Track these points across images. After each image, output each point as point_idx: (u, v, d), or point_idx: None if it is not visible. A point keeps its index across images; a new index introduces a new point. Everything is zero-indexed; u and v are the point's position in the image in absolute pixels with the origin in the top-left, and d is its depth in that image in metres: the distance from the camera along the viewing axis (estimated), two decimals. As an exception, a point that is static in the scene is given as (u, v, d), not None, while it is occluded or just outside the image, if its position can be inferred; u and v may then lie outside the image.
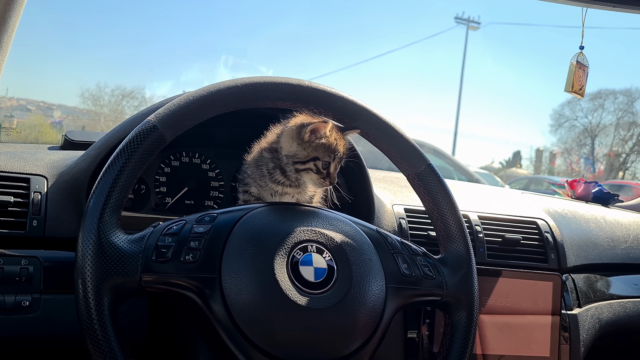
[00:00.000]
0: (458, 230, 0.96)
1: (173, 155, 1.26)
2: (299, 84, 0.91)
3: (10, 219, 1.00)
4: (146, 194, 1.23)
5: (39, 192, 1.04)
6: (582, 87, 1.16)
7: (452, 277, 0.93)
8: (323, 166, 0.97)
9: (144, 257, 0.76)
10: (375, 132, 0.95)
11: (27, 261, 0.99)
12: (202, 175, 1.28)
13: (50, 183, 1.07)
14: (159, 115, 0.82)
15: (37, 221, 1.01)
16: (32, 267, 0.99)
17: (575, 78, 1.14)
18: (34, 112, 26.78)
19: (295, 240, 0.82)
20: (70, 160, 1.13)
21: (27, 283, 0.98)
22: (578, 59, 1.14)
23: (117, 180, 0.77)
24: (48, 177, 1.08)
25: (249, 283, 0.77)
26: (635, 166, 21.50)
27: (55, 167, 1.11)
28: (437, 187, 0.97)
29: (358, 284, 0.83)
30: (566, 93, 1.19)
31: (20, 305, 0.96)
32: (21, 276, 0.98)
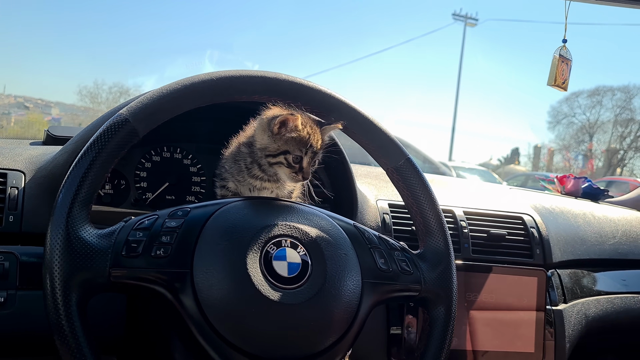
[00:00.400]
0: (437, 225, 0.96)
1: (154, 150, 1.25)
2: (275, 77, 0.90)
3: None
4: (126, 189, 1.22)
5: (16, 187, 1.03)
6: (565, 81, 1.14)
7: (431, 273, 0.92)
8: (294, 160, 0.95)
9: (114, 252, 0.75)
10: (354, 126, 0.94)
11: (3, 257, 0.98)
12: (184, 170, 1.27)
13: (28, 178, 1.06)
14: (131, 108, 0.81)
15: (13, 216, 1.00)
16: (8, 263, 0.98)
17: (558, 72, 1.13)
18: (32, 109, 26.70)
19: (269, 235, 0.81)
20: (49, 155, 1.12)
21: (2, 279, 0.97)
22: (561, 52, 1.13)
23: (87, 174, 0.76)
24: (26, 172, 1.07)
25: (221, 278, 0.76)
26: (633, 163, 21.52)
27: (34, 162, 1.10)
28: (416, 181, 0.96)
29: (333, 279, 0.82)
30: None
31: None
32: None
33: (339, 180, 1.29)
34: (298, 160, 0.95)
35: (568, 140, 24.30)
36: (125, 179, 1.22)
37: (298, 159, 0.95)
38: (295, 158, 0.95)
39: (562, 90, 1.14)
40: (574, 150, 23.62)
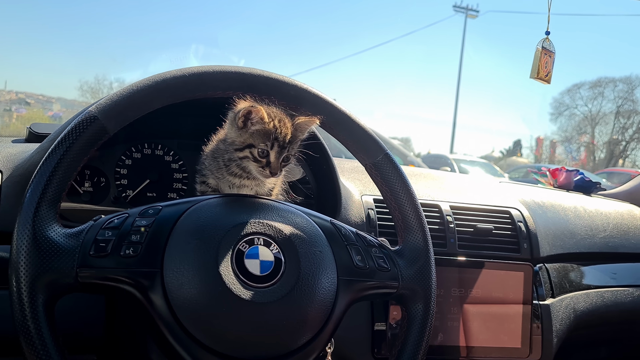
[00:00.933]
0: (416, 221, 0.94)
1: (135, 147, 1.24)
2: (250, 72, 0.89)
3: None
4: (106, 187, 1.21)
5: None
6: (549, 74, 1.13)
7: (408, 269, 0.91)
8: (260, 154, 0.93)
9: (81, 251, 0.74)
10: (331, 121, 0.93)
11: None
12: (165, 167, 1.26)
13: (4, 176, 1.05)
14: (101, 105, 0.80)
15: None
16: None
17: (541, 64, 1.11)
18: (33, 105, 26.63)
19: (241, 233, 0.80)
20: (27, 153, 1.11)
21: None
22: (544, 44, 1.11)
23: (54, 173, 0.75)
24: (3, 171, 1.06)
25: (191, 277, 0.75)
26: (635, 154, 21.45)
27: (11, 160, 1.09)
28: (394, 177, 0.95)
29: (306, 277, 0.81)
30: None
31: None
32: None
33: (322, 176, 1.28)
34: (264, 155, 0.93)
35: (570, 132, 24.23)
36: (105, 177, 1.21)
37: (264, 152, 0.93)
38: (260, 152, 0.93)
39: (545, 83, 1.13)
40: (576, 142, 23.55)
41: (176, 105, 0.85)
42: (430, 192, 1.43)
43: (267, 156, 0.93)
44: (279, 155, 0.94)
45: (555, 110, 24.53)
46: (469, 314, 1.26)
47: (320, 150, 1.24)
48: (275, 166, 0.94)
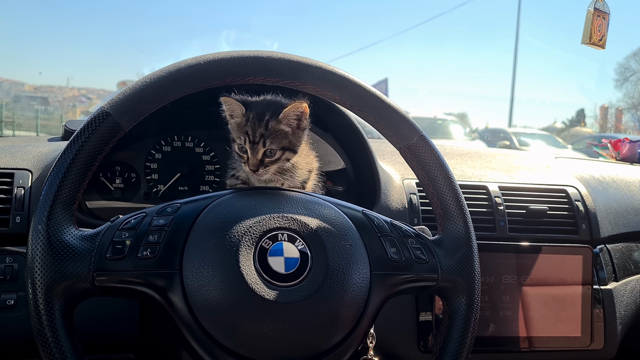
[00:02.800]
0: (456, 208, 0.87)
1: (164, 140, 1.21)
2: (269, 56, 0.83)
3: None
4: (137, 183, 1.19)
5: (22, 187, 1.02)
6: (603, 37, 1.01)
7: (448, 260, 0.84)
8: (240, 149, 0.91)
9: (98, 254, 0.71)
10: (360, 103, 0.86)
11: (12, 258, 0.97)
12: (196, 160, 1.22)
13: (35, 177, 1.04)
14: (112, 101, 0.76)
15: (20, 217, 0.99)
16: (17, 265, 0.97)
17: (593, 28, 1.00)
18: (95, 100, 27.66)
19: (264, 229, 0.75)
20: (57, 152, 1.10)
21: (12, 281, 0.96)
22: (596, 5, 1.00)
23: (68, 173, 0.72)
24: (33, 171, 1.05)
25: (211, 278, 0.71)
26: None
27: (42, 159, 1.08)
28: (431, 160, 0.87)
29: (335, 273, 0.75)
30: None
31: (5, 304, 0.95)
32: (5, 274, 0.96)
33: (359, 163, 1.22)
34: (244, 150, 0.91)
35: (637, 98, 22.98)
36: (136, 172, 1.18)
37: (242, 148, 0.91)
38: (239, 147, 0.91)
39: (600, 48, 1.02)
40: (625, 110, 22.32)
41: (205, 94, 0.81)
42: (477, 172, 1.35)
43: (246, 152, 0.91)
44: (252, 150, 0.90)
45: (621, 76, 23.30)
46: (523, 302, 1.18)
47: (355, 135, 1.18)
48: (253, 162, 0.90)
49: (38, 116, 12.94)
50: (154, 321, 1.02)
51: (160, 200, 1.18)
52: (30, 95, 22.08)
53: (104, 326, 1.01)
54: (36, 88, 25.22)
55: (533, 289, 1.18)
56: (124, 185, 1.18)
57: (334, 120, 1.21)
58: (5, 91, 13.64)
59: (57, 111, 19.53)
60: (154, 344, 1.03)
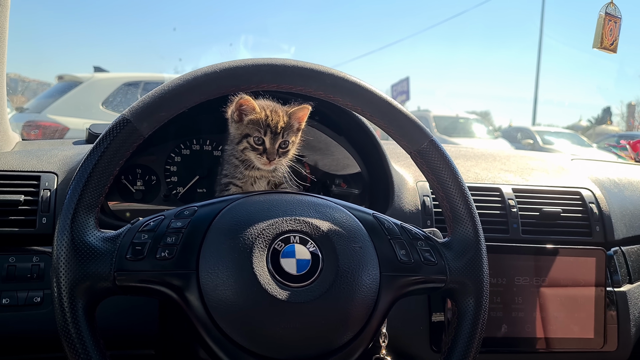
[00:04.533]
0: (465, 211, 0.89)
1: (183, 143, 1.25)
2: (282, 63, 0.86)
3: (21, 217, 1.03)
4: (157, 185, 1.22)
5: (49, 190, 1.06)
6: (614, 42, 1.02)
7: (457, 262, 0.86)
8: (256, 142, 1.02)
9: (118, 255, 0.75)
10: (371, 109, 0.89)
11: (38, 258, 1.01)
12: (214, 162, 1.26)
13: (60, 179, 1.08)
14: (133, 108, 0.80)
15: (46, 218, 1.03)
16: (43, 264, 1.01)
17: (605, 32, 1.01)
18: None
19: (276, 231, 0.78)
20: (81, 155, 1.14)
21: (38, 279, 1.00)
22: (607, 10, 1.01)
23: (90, 178, 0.76)
24: (59, 174, 1.09)
25: (226, 278, 0.74)
26: None
27: (67, 162, 1.13)
28: (441, 164, 0.89)
29: (345, 275, 0.78)
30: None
31: (32, 301, 0.99)
32: (32, 273, 1.00)
33: (373, 165, 1.24)
34: (260, 142, 1.02)
35: (666, 95, 22.48)
36: (156, 175, 1.22)
37: (260, 140, 1.02)
38: (256, 139, 1.02)
39: (611, 52, 1.02)
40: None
41: (222, 99, 0.85)
42: (491, 174, 1.36)
43: (263, 143, 1.02)
44: (273, 141, 1.02)
45: (648, 73, 22.79)
46: (536, 304, 1.19)
47: (368, 139, 1.20)
48: (272, 151, 1.02)
49: (64, 116, 13.17)
50: (173, 319, 1.05)
51: (179, 202, 1.22)
52: (57, 95, 22.47)
53: (125, 323, 1.05)
54: (62, 88, 25.65)
55: (546, 291, 1.19)
56: (145, 188, 1.22)
57: (348, 124, 1.23)
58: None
59: (82, 111, 19.85)
60: (174, 340, 1.07)
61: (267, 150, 1.02)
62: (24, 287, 1.00)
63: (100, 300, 0.76)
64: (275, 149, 1.03)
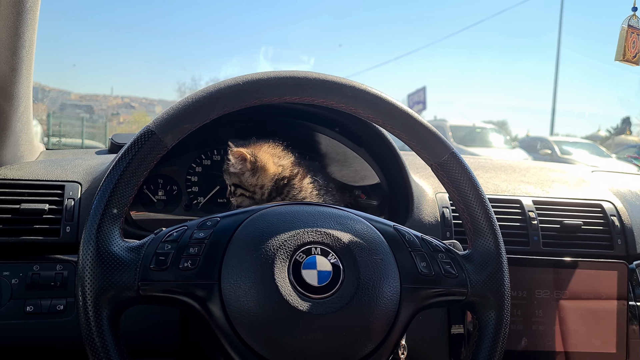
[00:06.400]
0: (486, 224, 0.88)
1: (204, 154, 1.26)
2: (305, 76, 0.87)
3: (45, 226, 1.04)
4: (178, 195, 1.24)
5: (72, 199, 1.08)
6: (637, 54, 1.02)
7: (478, 274, 0.86)
8: None
9: (142, 265, 0.76)
10: (392, 121, 0.89)
11: (62, 266, 1.03)
12: None
13: (84, 189, 1.10)
14: (157, 120, 0.81)
15: (70, 227, 1.05)
16: (67, 272, 1.03)
17: (627, 45, 1.00)
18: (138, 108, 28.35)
19: (298, 243, 0.79)
20: (104, 165, 1.16)
21: (61, 287, 1.02)
22: (630, 22, 1.00)
23: (115, 189, 0.77)
24: (82, 183, 1.11)
25: (248, 289, 0.75)
26: None
27: (90, 172, 1.14)
28: (461, 176, 0.89)
29: (366, 286, 0.78)
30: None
31: (56, 309, 1.01)
32: (56, 281, 1.02)
33: (392, 176, 1.24)
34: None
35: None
36: (177, 185, 1.24)
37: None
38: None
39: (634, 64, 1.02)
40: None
41: (244, 110, 0.86)
42: (510, 186, 1.35)
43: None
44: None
45: (669, 83, 22.53)
46: (556, 318, 1.18)
47: (388, 150, 1.21)
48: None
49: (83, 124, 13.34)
50: (194, 328, 1.06)
51: (200, 212, 1.23)
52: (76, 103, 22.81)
53: (146, 332, 1.06)
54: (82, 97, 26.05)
55: (567, 304, 1.18)
56: (166, 198, 1.23)
57: (368, 135, 1.24)
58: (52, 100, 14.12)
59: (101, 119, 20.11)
60: (194, 350, 1.07)
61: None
62: (47, 295, 1.01)
63: (124, 310, 0.77)
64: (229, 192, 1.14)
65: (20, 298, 1.00)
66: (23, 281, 1.01)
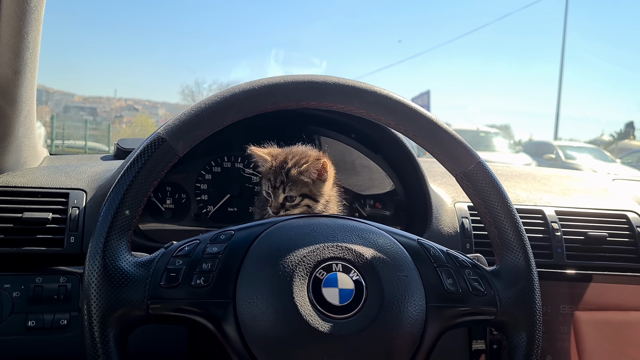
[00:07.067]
0: (515, 237, 0.83)
1: (214, 160, 1.21)
2: (323, 80, 0.82)
3: (48, 236, 1.00)
4: (187, 203, 1.19)
5: (77, 207, 1.03)
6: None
7: (507, 292, 0.81)
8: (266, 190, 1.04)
9: (152, 282, 0.71)
10: (415, 129, 0.84)
11: (66, 278, 0.98)
12: (246, 181, 1.22)
13: (89, 197, 1.05)
14: (168, 126, 0.76)
15: (74, 237, 1.00)
16: (71, 285, 0.98)
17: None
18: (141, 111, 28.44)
19: (318, 259, 0.74)
20: (110, 172, 1.11)
21: (65, 301, 0.97)
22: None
23: (124, 200, 0.72)
24: (87, 191, 1.06)
25: (265, 308, 0.70)
26: None
27: (96, 179, 1.10)
28: (488, 187, 0.84)
29: (390, 305, 0.73)
30: None
31: (59, 324, 0.96)
32: (59, 294, 0.97)
33: (410, 185, 1.19)
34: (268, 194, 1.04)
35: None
36: (186, 193, 1.19)
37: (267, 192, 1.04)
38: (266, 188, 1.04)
39: None
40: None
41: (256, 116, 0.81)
42: (532, 195, 1.30)
43: (270, 195, 1.03)
44: (274, 195, 1.03)
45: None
46: (582, 334, 1.13)
47: (406, 157, 1.16)
48: (274, 205, 1.03)
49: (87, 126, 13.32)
50: (204, 346, 1.01)
51: (210, 222, 1.18)
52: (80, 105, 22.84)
53: (154, 347, 1.01)
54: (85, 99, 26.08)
55: (592, 320, 1.13)
56: (175, 206, 1.18)
57: (385, 142, 1.19)
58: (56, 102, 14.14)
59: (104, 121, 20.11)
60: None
61: (272, 203, 1.03)
62: (50, 309, 0.97)
63: (132, 330, 0.72)
64: (279, 203, 1.02)
65: (21, 312, 0.95)
66: (25, 294, 0.96)
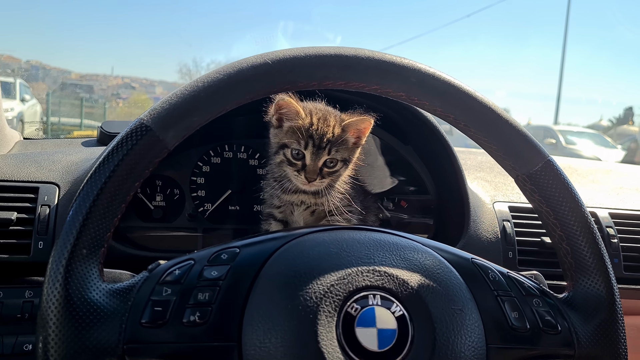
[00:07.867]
0: (593, 258, 0.66)
1: (213, 150, 1.04)
2: (355, 54, 0.64)
3: (12, 240, 0.83)
4: (180, 201, 1.02)
5: (48, 205, 0.86)
6: None
7: (585, 327, 0.64)
8: (293, 155, 0.83)
9: (130, 319, 0.54)
10: (469, 118, 0.66)
11: (32, 292, 0.83)
12: (250, 174, 1.05)
13: (62, 192, 0.88)
14: (154, 111, 0.59)
15: (43, 242, 0.84)
16: (38, 300, 0.81)
17: None
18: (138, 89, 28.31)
19: (350, 288, 0.56)
20: (89, 161, 0.94)
21: (30, 320, 0.81)
22: None
23: (94, 207, 0.55)
24: (60, 185, 0.90)
25: (280, 356, 0.53)
26: None
27: (71, 171, 0.92)
28: (560, 193, 0.66)
29: (444, 350, 0.56)
30: None
31: (22, 349, 0.80)
32: (24, 312, 0.82)
33: (443, 181, 1.02)
34: (300, 156, 0.83)
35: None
36: (180, 188, 1.01)
37: (299, 154, 0.83)
38: (295, 152, 0.83)
39: None
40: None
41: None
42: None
43: (303, 158, 0.83)
44: (315, 156, 0.82)
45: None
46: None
47: (442, 150, 0.98)
48: (312, 169, 0.82)
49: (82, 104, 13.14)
50: None
51: (207, 222, 1.01)
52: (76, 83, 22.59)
53: None
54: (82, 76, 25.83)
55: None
56: (166, 204, 1.02)
57: (418, 131, 1.01)
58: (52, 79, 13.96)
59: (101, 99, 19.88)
60: None
61: (306, 167, 0.82)
62: (12, 330, 0.80)
63: None
64: (318, 167, 0.82)
65: None
66: None
